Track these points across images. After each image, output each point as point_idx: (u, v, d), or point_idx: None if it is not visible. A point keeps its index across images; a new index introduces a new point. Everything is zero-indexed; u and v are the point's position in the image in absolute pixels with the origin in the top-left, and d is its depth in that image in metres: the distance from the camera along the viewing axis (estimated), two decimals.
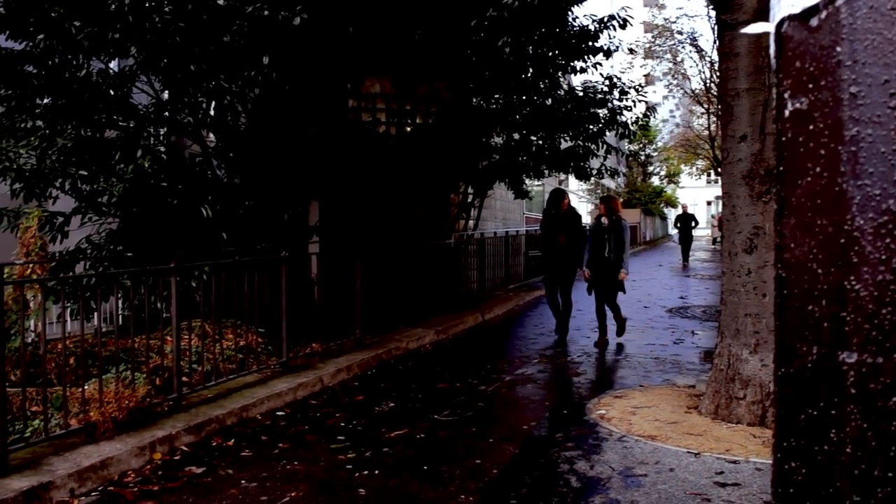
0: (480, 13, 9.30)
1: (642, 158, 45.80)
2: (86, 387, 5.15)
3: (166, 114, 8.61)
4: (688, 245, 25.42)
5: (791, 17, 0.82)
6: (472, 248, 13.72)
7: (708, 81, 29.06)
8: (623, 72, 14.42)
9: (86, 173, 7.45)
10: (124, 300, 6.96)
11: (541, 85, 11.60)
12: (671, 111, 40.52)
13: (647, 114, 13.49)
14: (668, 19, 31.77)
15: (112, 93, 7.71)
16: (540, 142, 12.34)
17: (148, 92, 8.38)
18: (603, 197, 10.31)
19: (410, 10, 9.35)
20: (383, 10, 9.02)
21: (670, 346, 9.15)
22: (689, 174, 50.37)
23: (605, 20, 11.21)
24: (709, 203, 64.07)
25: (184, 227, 7.82)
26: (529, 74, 11.33)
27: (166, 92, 8.59)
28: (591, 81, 12.55)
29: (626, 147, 33.94)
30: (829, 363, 0.76)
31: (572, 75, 12.43)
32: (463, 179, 12.78)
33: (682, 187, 55.92)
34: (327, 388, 6.97)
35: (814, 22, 0.79)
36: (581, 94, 12.15)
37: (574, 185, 35.54)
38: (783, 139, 0.83)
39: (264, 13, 7.23)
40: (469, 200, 13.25)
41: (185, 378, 5.94)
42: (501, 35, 9.70)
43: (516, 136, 12.23)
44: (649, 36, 32.84)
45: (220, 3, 7.35)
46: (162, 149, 8.77)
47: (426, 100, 11.28)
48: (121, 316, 8.17)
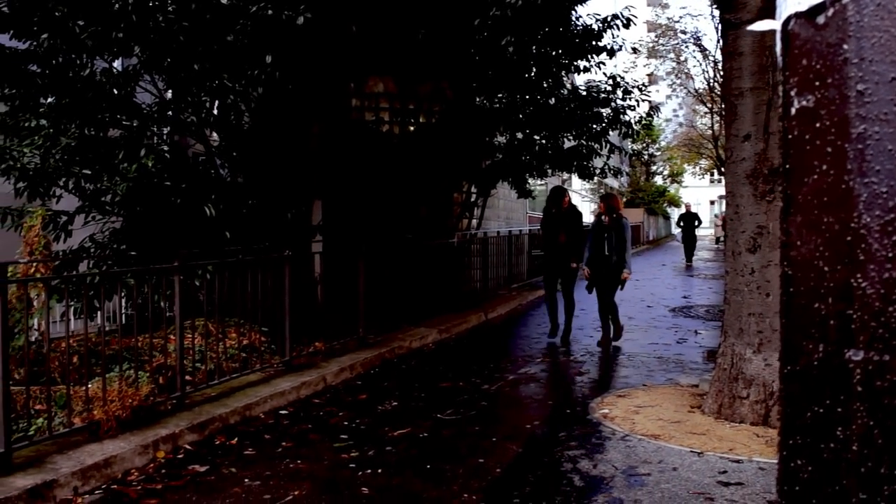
0: (484, 12, 9.30)
1: (645, 158, 45.77)
2: (89, 385, 5.16)
3: (170, 113, 8.62)
4: (691, 244, 25.16)
5: (798, 15, 0.82)
6: (475, 248, 13.72)
7: (711, 81, 29.03)
8: (626, 71, 14.40)
9: (89, 172, 7.46)
10: (128, 299, 6.98)
11: (544, 84, 11.61)
12: (674, 110, 40.43)
13: (651, 113, 13.52)
14: (672, 18, 31.74)
15: (116, 92, 7.73)
16: (543, 141, 12.35)
17: (151, 91, 8.39)
18: (603, 195, 10.27)
19: (414, 9, 9.35)
20: (386, 9, 9.02)
21: (673, 346, 9.14)
22: (693, 174, 50.37)
23: (608, 19, 11.21)
24: (712, 202, 63.93)
25: (187, 226, 7.83)
26: (533, 74, 11.34)
27: (170, 91, 8.61)
28: (594, 81, 12.56)
29: (630, 146, 33.91)
30: (836, 361, 0.76)
31: (576, 74, 12.43)
32: (466, 179, 12.79)
33: (686, 187, 55.85)
34: (330, 386, 6.98)
35: (820, 19, 0.79)
36: (584, 93, 12.15)
37: (577, 185, 35.54)
38: (789, 137, 0.83)
39: (268, 12, 7.24)
40: (472, 200, 13.26)
41: (188, 377, 5.95)
42: (505, 34, 9.70)
43: (519, 135, 12.24)
44: (653, 35, 32.80)
45: (224, 2, 7.36)
46: (165, 148, 8.77)
47: (429, 99, 11.29)
48: (124, 315, 8.19)
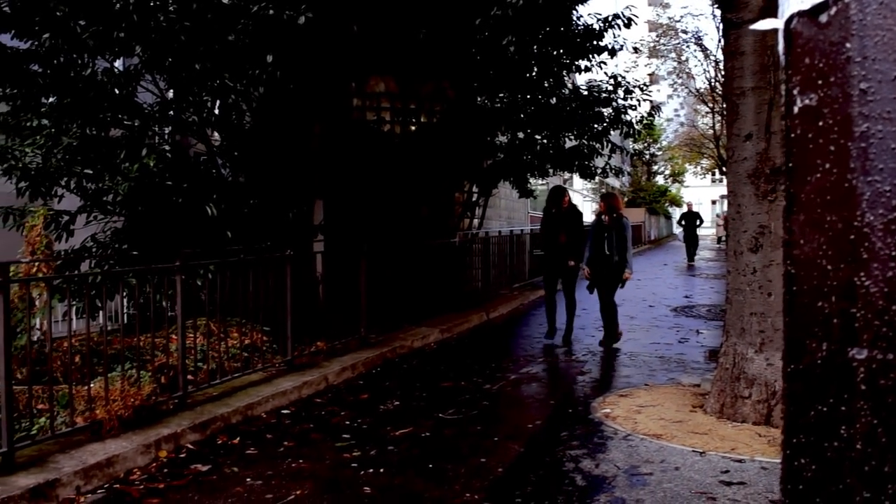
0: (485, 12, 9.29)
1: (647, 157, 45.79)
2: (91, 385, 5.17)
3: (171, 113, 8.62)
4: (693, 243, 24.99)
5: (800, 14, 0.82)
6: (476, 247, 13.71)
7: (712, 80, 29.03)
8: (627, 71, 14.38)
9: (91, 172, 7.46)
10: (130, 299, 6.98)
11: (545, 84, 11.60)
12: (676, 110, 40.42)
13: (652, 113, 13.51)
14: (673, 18, 31.75)
15: (117, 92, 7.73)
16: (544, 141, 12.34)
17: (153, 91, 8.40)
18: (604, 194, 10.24)
19: (415, 9, 9.35)
20: (388, 9, 9.02)
21: (675, 345, 9.14)
22: (694, 173, 50.35)
23: (609, 19, 11.21)
24: (713, 202, 63.83)
25: (189, 225, 7.83)
26: (534, 73, 11.34)
27: (171, 91, 8.60)
28: (595, 80, 12.55)
29: (631, 146, 33.87)
30: (839, 360, 0.76)
31: (577, 74, 12.44)
32: (467, 178, 12.78)
33: (687, 186, 55.85)
34: (332, 386, 6.98)
35: (823, 18, 0.79)
36: (586, 92, 12.14)
37: (579, 185, 35.53)
38: (792, 136, 0.83)
39: (269, 12, 7.24)
40: (474, 199, 13.26)
41: (190, 376, 5.96)
42: (506, 34, 9.70)
43: (521, 135, 12.23)
44: (654, 35, 32.80)
45: (225, 2, 7.36)
46: (167, 148, 8.77)
47: (431, 99, 11.29)
48: (126, 314, 8.19)
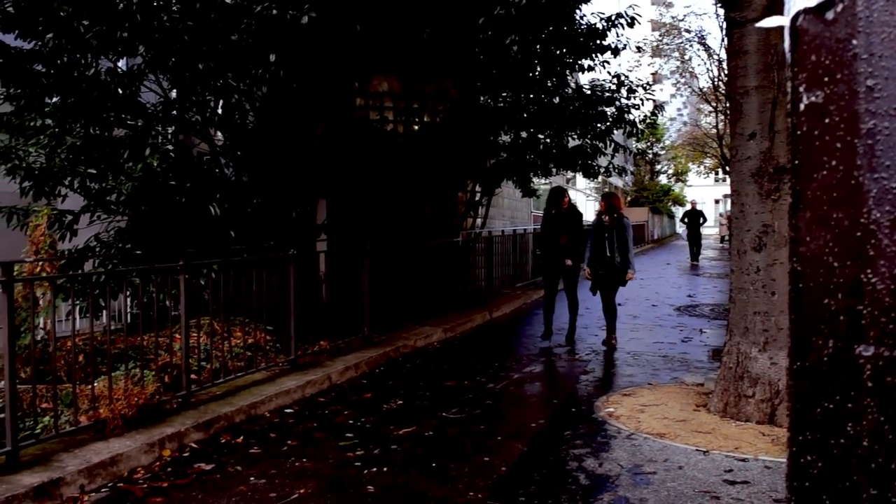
0: (488, 11, 9.29)
1: (650, 157, 45.79)
2: (95, 384, 5.17)
3: (174, 112, 8.63)
4: (697, 242, 24.49)
5: (806, 11, 0.82)
6: (479, 247, 13.72)
7: (716, 80, 28.98)
8: (631, 70, 14.38)
9: (95, 172, 7.48)
10: (133, 298, 7.00)
11: (548, 83, 11.59)
12: (679, 109, 40.40)
13: (655, 112, 13.48)
14: (676, 17, 31.71)
15: (120, 91, 7.74)
16: (548, 140, 12.34)
17: (156, 91, 8.40)
18: (604, 194, 10.19)
19: (418, 8, 9.35)
20: (391, 8, 9.02)
21: (678, 345, 9.13)
22: (697, 173, 50.25)
23: (612, 18, 11.20)
24: (717, 201, 63.83)
25: (192, 225, 7.84)
26: (537, 72, 11.33)
27: (174, 91, 8.61)
28: (598, 80, 12.55)
29: (634, 145, 33.86)
30: (846, 357, 0.76)
31: (580, 73, 12.42)
32: (471, 178, 12.78)
33: (690, 186, 55.77)
34: (335, 385, 6.99)
35: (829, 15, 0.79)
36: (589, 92, 12.13)
37: (582, 184, 35.51)
38: (798, 133, 0.83)
39: (272, 12, 7.24)
40: (477, 199, 13.26)
41: (193, 375, 5.97)
42: (509, 33, 9.69)
43: (524, 134, 12.23)
44: (657, 34, 32.76)
45: (228, 1, 7.36)
46: (170, 147, 8.78)
47: (434, 98, 11.28)
48: (130, 314, 8.22)
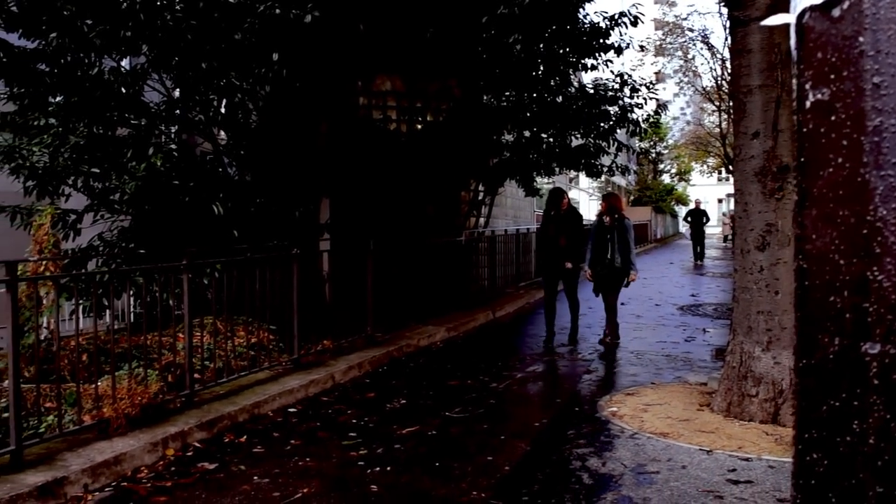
0: (491, 10, 9.28)
1: (653, 156, 45.73)
2: (99, 383, 5.19)
3: (177, 112, 8.64)
4: (701, 242, 24.17)
5: (812, 8, 0.82)
6: (482, 246, 13.71)
7: (719, 79, 28.91)
8: (634, 69, 14.39)
9: (98, 171, 7.49)
10: (137, 297, 7.00)
11: (552, 82, 11.59)
12: (682, 108, 40.37)
13: (658, 111, 13.46)
14: (679, 16, 31.72)
15: (124, 91, 7.75)
16: (551, 139, 12.33)
17: (159, 90, 8.42)
18: (605, 194, 10.17)
19: (421, 7, 9.34)
20: (394, 7, 9.02)
21: (682, 344, 9.12)
22: (700, 172, 50.22)
23: (615, 17, 11.19)
24: (720, 201, 63.79)
25: (195, 224, 7.85)
26: (540, 72, 11.33)
27: (177, 90, 8.63)
28: (601, 79, 12.52)
29: (637, 144, 33.83)
30: (852, 354, 0.76)
31: (583, 72, 12.41)
32: (474, 177, 12.78)
33: (693, 185, 55.72)
34: (339, 385, 6.99)
35: (836, 12, 0.79)
36: (592, 91, 12.12)
37: (585, 183, 35.50)
38: (804, 130, 0.83)
39: (275, 11, 7.25)
40: (480, 198, 13.25)
41: (197, 375, 5.97)
42: (512, 32, 9.69)
43: (527, 133, 12.22)
44: (660, 33, 32.73)
45: (231, 1, 7.37)
46: (173, 147, 8.80)
47: (437, 97, 11.28)
48: (133, 313, 8.22)
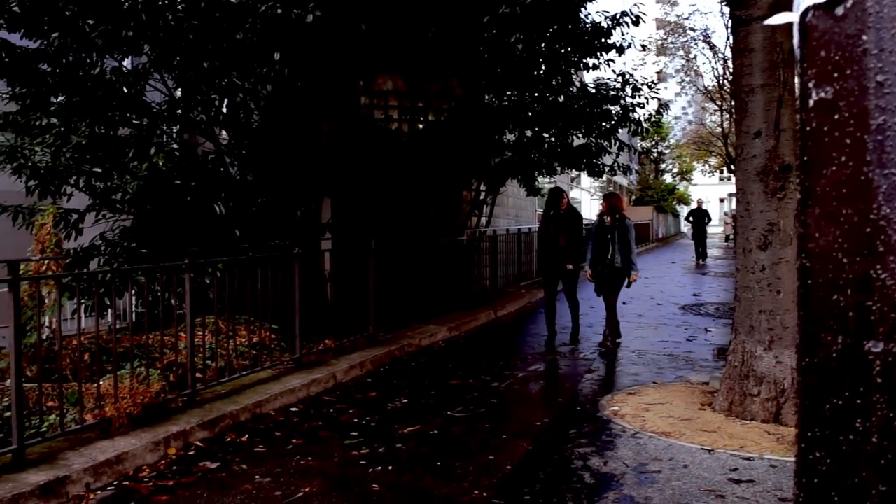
0: (493, 10, 9.28)
1: (655, 155, 45.69)
2: (101, 382, 5.19)
3: (179, 111, 8.65)
4: (702, 241, 24.09)
5: (816, 7, 0.82)
6: (484, 245, 13.71)
7: (721, 78, 28.86)
8: (635, 69, 14.37)
9: (100, 171, 7.50)
10: (138, 297, 7.00)
11: (553, 82, 11.59)
12: (683, 108, 40.35)
13: (660, 110, 13.46)
14: (681, 16, 31.72)
15: (125, 90, 7.76)
16: (552, 139, 12.33)
17: (161, 90, 8.42)
18: (606, 194, 10.15)
19: (423, 7, 9.34)
20: (396, 7, 9.02)
21: (683, 343, 9.11)
22: (702, 171, 50.17)
23: (617, 17, 11.18)
24: (721, 200, 63.74)
25: (197, 224, 7.85)
26: (542, 71, 11.32)
27: (179, 90, 8.63)
28: (603, 78, 12.52)
29: (639, 144, 33.82)
30: (855, 353, 0.76)
31: (585, 72, 12.40)
32: (475, 176, 12.77)
33: (695, 184, 55.65)
34: (340, 384, 6.99)
35: (839, 11, 0.79)
36: (593, 90, 12.12)
37: (586, 183, 35.48)
38: (807, 129, 0.83)
39: (277, 11, 7.25)
40: (481, 197, 13.25)
41: (198, 374, 5.98)
42: (514, 32, 9.69)
43: (529, 133, 12.22)
44: (662, 33, 32.71)
45: (233, 0, 7.37)
46: (175, 146, 8.80)
47: (438, 97, 11.27)
48: (135, 312, 8.23)
